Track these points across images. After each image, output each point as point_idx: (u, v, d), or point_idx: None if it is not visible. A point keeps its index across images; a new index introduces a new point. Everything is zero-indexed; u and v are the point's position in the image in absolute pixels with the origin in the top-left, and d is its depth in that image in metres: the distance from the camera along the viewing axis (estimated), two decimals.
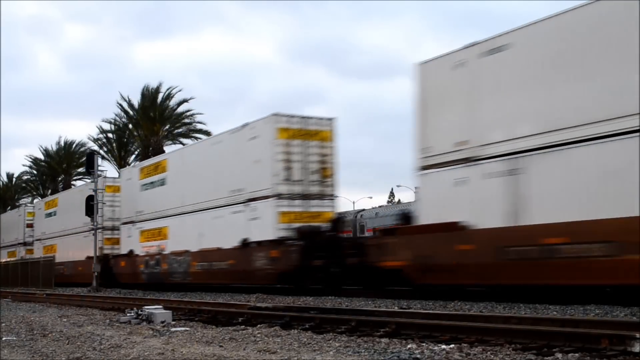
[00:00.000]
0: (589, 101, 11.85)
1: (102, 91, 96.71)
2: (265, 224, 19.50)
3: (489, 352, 6.25)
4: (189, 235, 22.92)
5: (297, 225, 19.19)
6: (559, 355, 5.98)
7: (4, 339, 9.01)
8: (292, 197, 19.62)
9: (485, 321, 8.27)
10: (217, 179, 21.69)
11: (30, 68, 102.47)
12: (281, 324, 9.56)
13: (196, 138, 41.89)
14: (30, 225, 41.02)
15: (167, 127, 43.34)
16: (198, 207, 22.65)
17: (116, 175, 34.41)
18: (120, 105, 43.68)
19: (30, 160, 59.21)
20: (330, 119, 20.46)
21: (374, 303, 13.21)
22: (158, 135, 42.22)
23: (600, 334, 6.36)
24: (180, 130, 43.75)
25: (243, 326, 9.72)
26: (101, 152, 44.91)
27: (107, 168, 44.80)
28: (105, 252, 29.74)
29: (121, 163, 45.12)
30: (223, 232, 21.14)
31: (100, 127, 45.74)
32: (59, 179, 56.04)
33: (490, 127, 13.71)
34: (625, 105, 11.18)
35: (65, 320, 12.00)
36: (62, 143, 56.26)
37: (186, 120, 43.40)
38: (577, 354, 6.01)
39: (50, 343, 8.35)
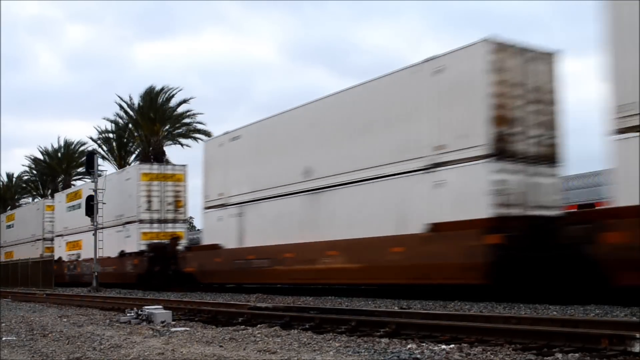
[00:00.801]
0: (272, 174, 19.45)
1: (102, 91, 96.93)
2: (133, 240, 28.00)
3: (489, 352, 6.25)
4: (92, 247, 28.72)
5: (152, 241, 27.42)
6: (559, 355, 5.98)
7: (4, 339, 9.01)
8: (152, 221, 28.30)
9: (485, 321, 8.27)
10: (112, 206, 28.92)
11: (30, 68, 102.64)
12: (281, 324, 9.57)
13: (196, 138, 41.99)
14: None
15: (167, 127, 43.32)
16: (99, 227, 28.65)
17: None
18: (120, 105, 43.71)
19: (30, 160, 59.28)
20: (183, 166, 29.60)
21: (374, 303, 13.21)
22: (158, 136, 42.21)
23: (600, 334, 6.36)
24: (180, 130, 43.73)
25: (243, 326, 9.72)
26: (101, 152, 44.95)
27: (107, 168, 44.92)
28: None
29: (121, 163, 45.12)
30: (111, 245, 28.71)
31: (100, 127, 45.78)
32: (59, 179, 56.02)
33: (232, 185, 21.50)
34: (289, 179, 18.58)
35: (65, 320, 12.00)
36: (61, 143, 56.34)
37: (186, 121, 43.42)
38: (577, 354, 6.00)
39: (50, 343, 8.35)
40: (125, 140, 45.82)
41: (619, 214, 10.27)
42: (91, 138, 48.65)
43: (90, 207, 28.13)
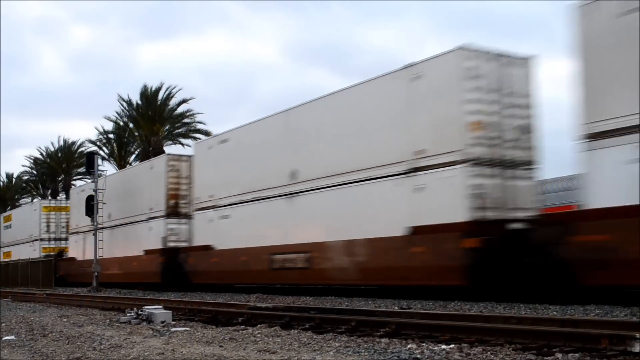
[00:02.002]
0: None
1: (106, 92, 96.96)
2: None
3: (489, 352, 6.25)
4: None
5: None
6: (559, 355, 5.98)
7: (4, 339, 9.01)
8: (49, 239, 38.79)
9: (485, 321, 8.27)
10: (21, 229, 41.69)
11: (35, 69, 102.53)
12: (281, 324, 9.56)
13: (196, 138, 41.98)
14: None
15: (167, 127, 43.33)
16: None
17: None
18: (120, 105, 43.74)
19: (31, 160, 59.31)
20: (67, 201, 37.89)
21: (374, 303, 13.21)
22: (158, 135, 42.22)
23: (600, 334, 6.36)
24: (180, 130, 43.76)
25: (243, 326, 9.72)
26: (101, 152, 44.95)
27: (107, 168, 44.89)
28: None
29: (121, 163, 45.13)
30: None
31: (102, 127, 45.73)
32: (59, 179, 56.03)
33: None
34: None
35: (65, 320, 12.00)
36: (61, 143, 56.36)
37: (186, 120, 43.43)
38: (577, 354, 6.00)
39: (50, 343, 8.35)
40: (125, 140, 45.83)
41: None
42: (89, 140, 48.45)
43: (90, 207, 28.15)
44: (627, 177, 10.31)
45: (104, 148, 46.20)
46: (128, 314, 11.32)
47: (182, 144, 43.12)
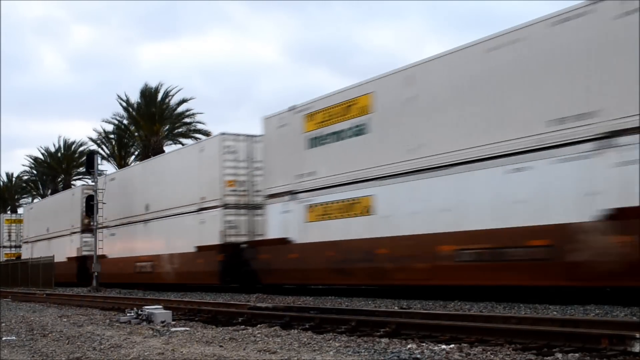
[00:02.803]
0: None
1: (107, 92, 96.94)
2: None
3: (489, 352, 6.25)
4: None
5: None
6: (559, 355, 5.99)
7: (4, 339, 9.01)
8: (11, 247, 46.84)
9: (485, 321, 8.27)
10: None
11: (36, 69, 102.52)
12: (281, 324, 9.57)
13: (196, 138, 41.99)
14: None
15: (167, 127, 43.34)
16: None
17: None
18: (120, 105, 43.75)
19: (31, 160, 59.32)
20: (20, 215, 45.76)
21: (374, 303, 13.21)
22: (158, 135, 42.23)
23: (600, 334, 6.36)
24: (180, 130, 43.76)
25: (243, 326, 9.72)
26: (102, 152, 44.95)
27: (107, 168, 44.88)
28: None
29: (121, 163, 45.14)
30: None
31: (102, 127, 45.72)
32: (59, 179, 56.05)
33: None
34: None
35: (65, 320, 12.01)
36: (61, 142, 56.39)
37: (186, 120, 43.44)
38: (577, 354, 6.01)
39: (50, 343, 8.35)
40: (125, 140, 45.85)
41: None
42: (91, 138, 48.52)
43: (90, 207, 28.15)
44: (281, 222, 18.25)
45: (104, 147, 46.23)
46: (128, 314, 11.32)
47: (183, 144, 43.13)
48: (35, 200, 57.35)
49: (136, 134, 43.91)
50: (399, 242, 14.67)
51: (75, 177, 55.33)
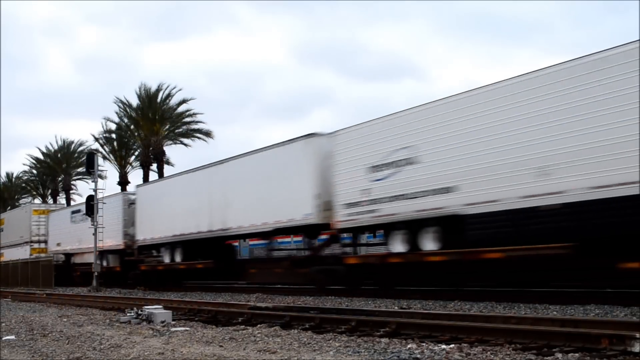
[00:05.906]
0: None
1: (113, 93, 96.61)
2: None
3: (489, 352, 6.25)
4: None
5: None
6: (559, 355, 5.99)
7: (4, 338, 9.01)
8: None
9: (485, 321, 8.28)
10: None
11: (43, 70, 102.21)
12: (281, 323, 9.57)
13: (196, 138, 42.04)
14: None
15: (167, 127, 43.29)
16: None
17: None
18: (121, 104, 43.70)
19: (31, 160, 59.26)
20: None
21: (374, 303, 13.21)
22: (158, 135, 42.20)
23: (600, 334, 6.36)
24: (180, 130, 43.71)
25: (243, 326, 9.72)
26: (102, 152, 44.89)
27: (107, 168, 44.90)
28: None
29: (122, 163, 45.13)
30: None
31: (103, 127, 45.67)
32: (59, 179, 56.00)
33: None
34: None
35: (65, 320, 12.01)
36: (60, 142, 56.31)
37: (187, 120, 43.38)
38: (577, 354, 6.01)
39: (50, 343, 8.35)
40: (125, 140, 45.81)
41: None
42: (93, 136, 48.51)
43: (90, 206, 28.15)
44: None
45: (105, 147, 46.16)
46: (128, 314, 11.33)
47: (185, 144, 43.16)
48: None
49: (136, 133, 43.86)
50: None
51: (75, 177, 55.27)
